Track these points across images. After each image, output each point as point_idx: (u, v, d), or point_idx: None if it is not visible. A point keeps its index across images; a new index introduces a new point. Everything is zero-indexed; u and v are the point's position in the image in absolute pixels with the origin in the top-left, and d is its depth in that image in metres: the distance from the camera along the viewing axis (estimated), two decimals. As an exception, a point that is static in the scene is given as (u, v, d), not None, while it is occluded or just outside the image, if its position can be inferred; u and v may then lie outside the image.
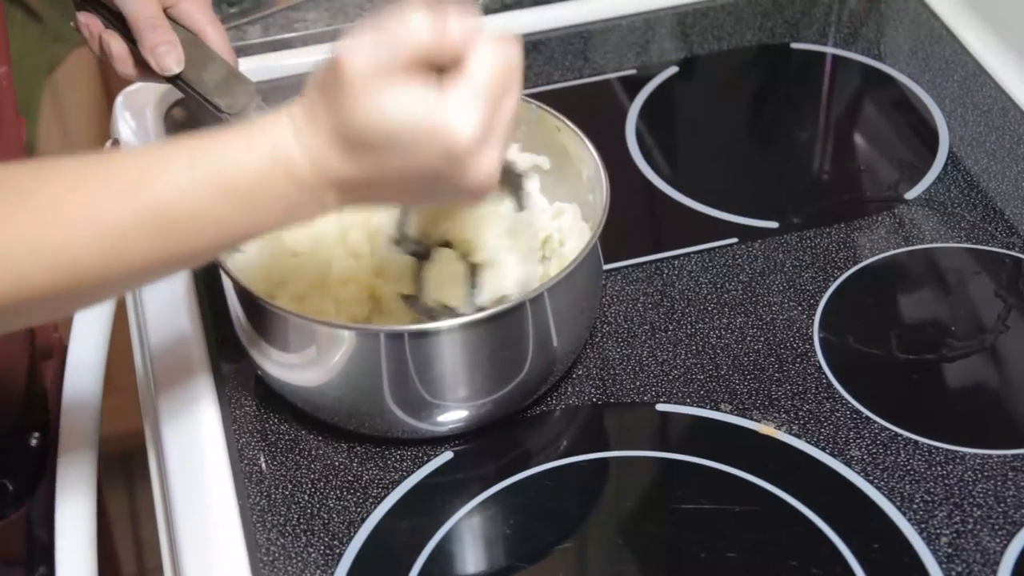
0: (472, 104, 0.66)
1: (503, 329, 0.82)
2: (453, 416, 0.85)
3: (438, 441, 0.87)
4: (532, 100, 0.94)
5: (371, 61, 0.65)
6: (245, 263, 0.89)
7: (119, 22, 0.89)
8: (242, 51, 1.16)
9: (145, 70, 0.90)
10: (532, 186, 0.92)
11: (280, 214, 0.69)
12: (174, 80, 0.90)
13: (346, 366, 0.82)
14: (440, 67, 0.66)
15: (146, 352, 0.96)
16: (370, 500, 0.84)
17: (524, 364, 0.84)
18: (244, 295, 0.84)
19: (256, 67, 1.13)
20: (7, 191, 0.64)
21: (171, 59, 0.87)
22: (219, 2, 1.22)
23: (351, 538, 0.82)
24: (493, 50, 0.67)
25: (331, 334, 0.82)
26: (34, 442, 1.01)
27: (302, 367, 0.85)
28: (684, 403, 0.89)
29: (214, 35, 0.90)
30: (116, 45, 0.90)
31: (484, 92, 0.66)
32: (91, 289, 0.67)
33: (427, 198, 0.75)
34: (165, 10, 0.89)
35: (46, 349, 1.09)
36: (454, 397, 0.84)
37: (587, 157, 0.90)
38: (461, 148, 0.66)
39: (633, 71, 1.19)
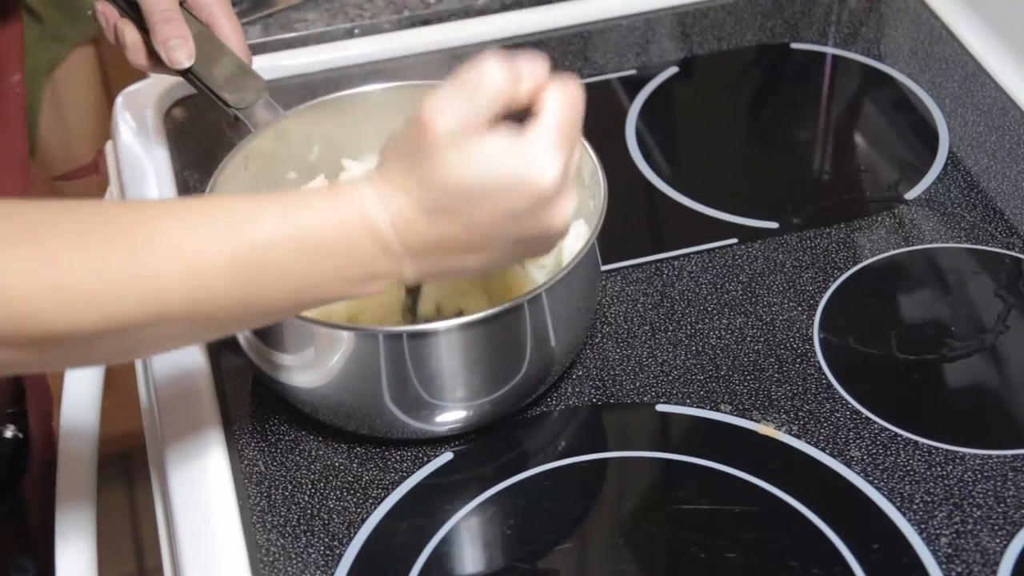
0: (553, 149, 0.68)
1: (501, 330, 0.82)
2: (452, 416, 0.85)
3: (438, 442, 0.87)
4: None
5: (457, 119, 0.66)
6: None
7: (135, 12, 0.90)
8: (242, 51, 1.17)
9: (157, 62, 0.91)
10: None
11: (357, 276, 0.69)
12: (184, 73, 0.90)
13: (345, 367, 0.82)
14: (514, 114, 0.68)
15: (146, 352, 0.96)
16: (370, 501, 0.84)
17: (522, 365, 0.84)
18: None
19: (256, 67, 1.12)
20: (107, 223, 0.65)
21: (182, 53, 0.88)
22: (219, 2, 1.22)
23: (351, 539, 0.82)
24: (563, 93, 0.69)
25: (330, 335, 0.82)
26: (9, 433, 1.01)
27: (301, 368, 0.85)
28: (684, 403, 0.89)
29: (228, 27, 0.91)
30: (130, 35, 0.91)
31: (561, 136, 0.68)
32: (175, 327, 0.67)
33: (507, 254, 0.72)
34: (181, 2, 0.89)
35: None
36: (453, 397, 0.84)
37: (587, 161, 0.90)
38: (548, 193, 0.68)
39: (633, 71, 1.19)
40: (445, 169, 0.66)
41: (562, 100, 0.68)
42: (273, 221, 0.67)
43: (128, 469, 1.88)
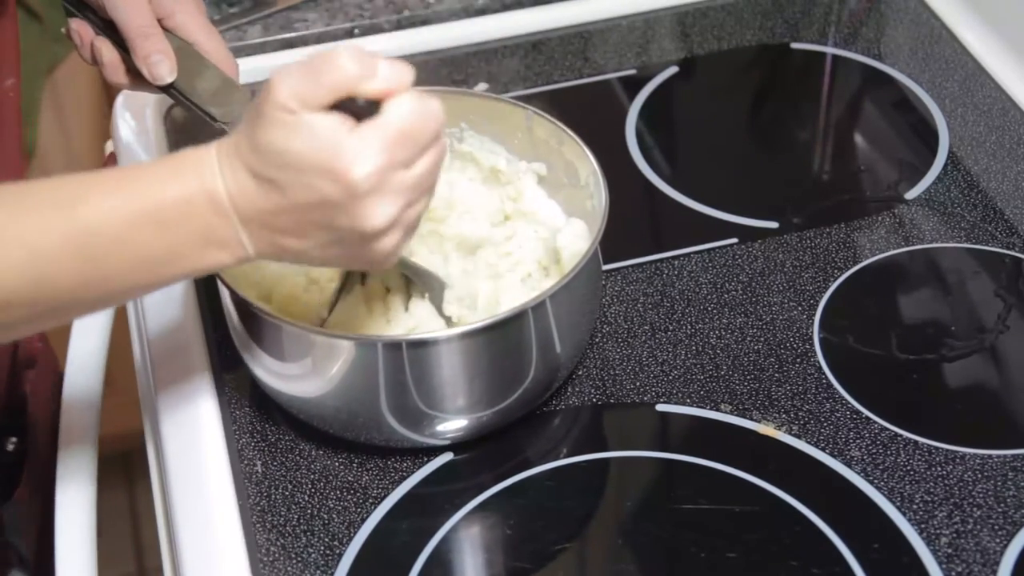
0: (375, 147, 0.67)
1: (504, 338, 0.81)
2: (453, 426, 0.85)
3: (438, 441, 0.87)
4: (527, 106, 0.94)
5: (295, 92, 0.66)
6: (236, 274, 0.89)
7: (111, 30, 0.88)
8: (242, 51, 1.17)
9: (137, 78, 0.89)
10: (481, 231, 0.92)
11: (201, 246, 0.69)
12: (167, 89, 0.89)
13: (343, 377, 0.81)
14: (360, 114, 0.67)
15: (146, 352, 0.96)
16: (370, 501, 0.84)
17: (528, 373, 0.83)
18: (241, 305, 0.84)
19: (256, 67, 1.12)
20: None
21: (164, 68, 0.86)
22: (219, 2, 1.22)
23: (351, 539, 0.82)
24: (412, 103, 0.68)
25: (329, 344, 0.81)
26: (11, 447, 1.01)
27: (299, 378, 0.84)
28: (684, 403, 0.89)
29: (209, 45, 0.89)
30: (107, 53, 0.89)
31: (391, 139, 0.67)
32: (21, 313, 0.68)
33: (326, 248, 0.71)
34: (160, 21, 0.88)
35: (28, 359, 1.09)
36: (454, 408, 0.83)
37: (585, 162, 0.90)
38: (354, 185, 0.67)
39: (633, 71, 1.19)
40: (272, 135, 0.67)
41: (408, 109, 0.67)
42: (105, 197, 0.67)
43: (128, 469, 1.88)
